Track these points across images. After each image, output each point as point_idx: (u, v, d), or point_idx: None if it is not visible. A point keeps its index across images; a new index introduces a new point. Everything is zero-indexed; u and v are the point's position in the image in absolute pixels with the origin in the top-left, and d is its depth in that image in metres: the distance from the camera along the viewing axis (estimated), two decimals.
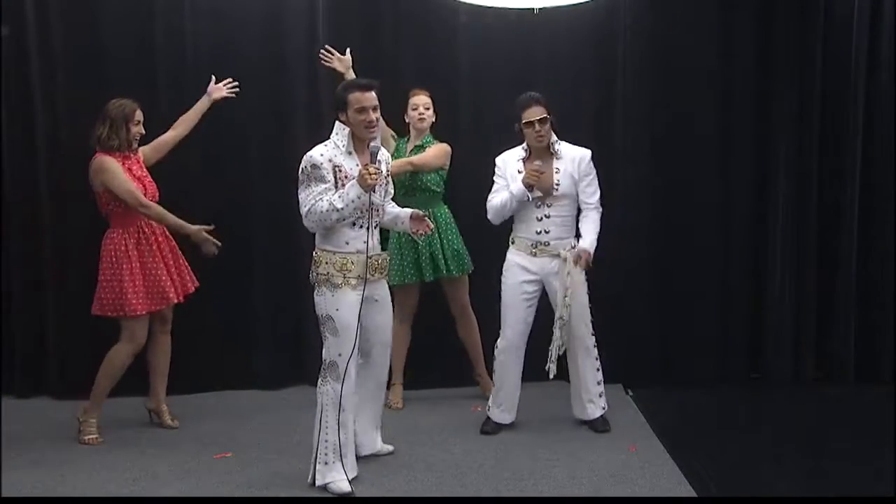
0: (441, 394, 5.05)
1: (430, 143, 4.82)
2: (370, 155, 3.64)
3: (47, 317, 5.07)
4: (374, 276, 3.74)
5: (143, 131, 4.38)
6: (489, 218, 4.38)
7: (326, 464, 3.68)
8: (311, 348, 4.67)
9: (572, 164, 4.28)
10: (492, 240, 4.99)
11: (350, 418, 3.76)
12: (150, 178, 4.42)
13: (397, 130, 4.85)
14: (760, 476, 3.85)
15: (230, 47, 5.01)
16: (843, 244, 5.22)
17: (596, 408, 4.43)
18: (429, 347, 5.10)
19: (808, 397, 5.03)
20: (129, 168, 4.32)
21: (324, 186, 3.61)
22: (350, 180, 3.62)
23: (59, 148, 4.96)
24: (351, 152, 3.70)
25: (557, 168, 4.28)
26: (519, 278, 4.33)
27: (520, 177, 4.23)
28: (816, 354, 5.31)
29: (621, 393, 5.03)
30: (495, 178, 4.37)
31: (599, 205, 4.35)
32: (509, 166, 4.33)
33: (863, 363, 5.26)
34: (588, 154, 4.33)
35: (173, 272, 4.43)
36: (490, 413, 4.45)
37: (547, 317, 4.39)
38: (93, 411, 4.36)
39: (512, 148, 4.39)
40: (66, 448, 4.27)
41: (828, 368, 5.30)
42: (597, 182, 4.35)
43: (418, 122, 4.79)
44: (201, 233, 4.33)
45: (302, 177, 3.65)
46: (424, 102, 4.78)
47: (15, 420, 4.62)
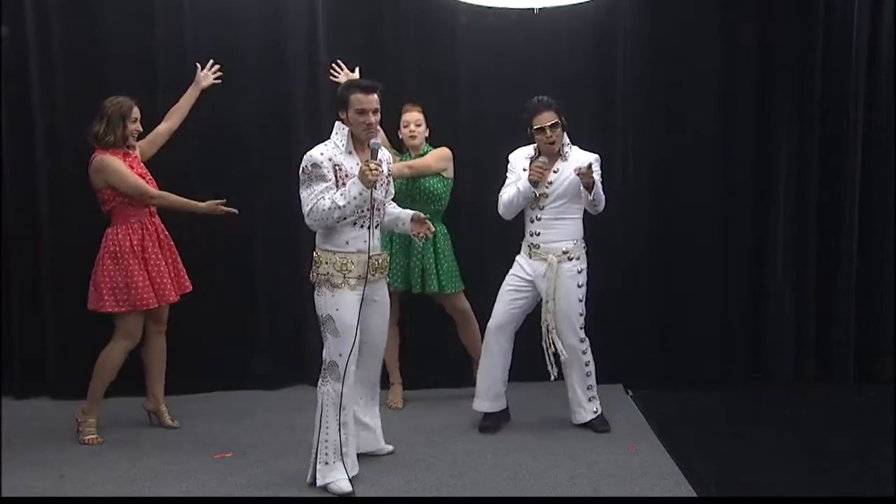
0: (441, 394, 5.05)
1: (427, 152, 4.78)
2: (371, 152, 3.64)
3: (47, 317, 5.07)
4: (374, 275, 3.74)
5: (141, 129, 4.37)
6: (500, 213, 4.38)
7: (327, 464, 3.68)
8: (311, 348, 4.66)
9: (573, 165, 4.21)
10: (490, 241, 5.02)
11: (351, 418, 3.76)
12: (150, 175, 4.41)
13: (397, 148, 4.83)
14: (760, 476, 3.85)
15: (230, 47, 4.99)
16: (843, 244, 5.22)
17: (586, 413, 4.43)
18: (429, 347, 5.10)
19: (808, 397, 5.02)
20: (129, 165, 4.32)
21: (325, 185, 3.61)
22: (350, 179, 3.62)
23: (58, 148, 4.95)
24: (351, 152, 3.70)
25: (557, 169, 4.27)
26: (512, 272, 4.40)
27: (526, 174, 4.25)
28: (816, 354, 5.31)
29: (621, 393, 5.03)
30: (508, 174, 4.39)
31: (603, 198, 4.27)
32: (519, 163, 4.35)
33: (863, 363, 5.27)
34: (593, 157, 4.28)
35: (172, 271, 4.43)
36: (474, 404, 4.45)
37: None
38: (91, 411, 4.36)
39: (524, 145, 4.39)
40: (66, 448, 4.27)
41: (828, 368, 5.30)
42: (600, 182, 4.24)
43: (409, 140, 4.77)
44: (214, 205, 4.31)
45: (303, 176, 3.65)
46: (416, 119, 4.74)
47: (15, 420, 4.62)
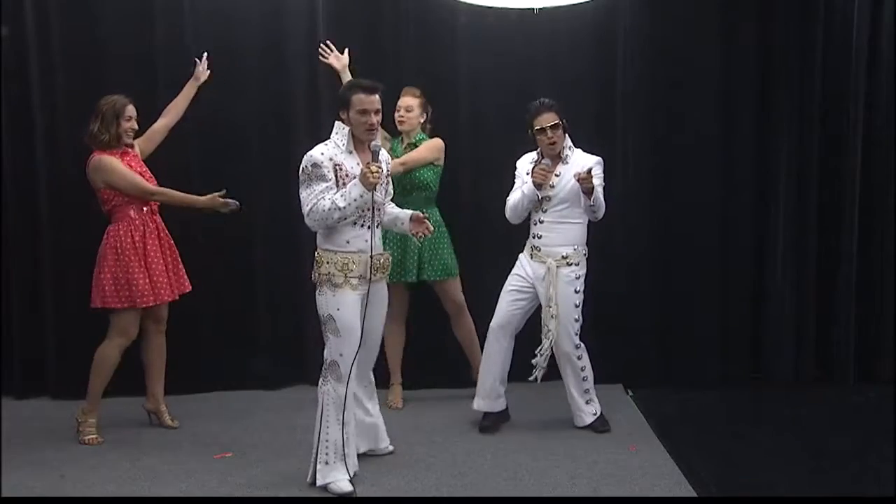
0: (441, 394, 5.05)
1: (422, 141, 4.79)
2: (372, 154, 3.64)
3: (47, 317, 5.06)
4: (375, 275, 3.74)
5: (136, 127, 4.35)
6: (507, 217, 4.39)
7: (327, 463, 3.68)
8: (312, 348, 4.66)
9: (575, 169, 4.19)
10: (490, 239, 5.02)
11: (351, 417, 3.76)
12: (150, 173, 4.41)
13: (391, 131, 4.84)
14: (760, 476, 3.85)
15: (230, 47, 4.99)
16: (843, 244, 5.22)
17: (585, 416, 4.43)
18: (428, 347, 5.09)
19: (808, 397, 5.02)
20: (128, 164, 4.32)
21: (325, 185, 3.61)
22: (350, 179, 3.62)
23: (58, 148, 4.95)
24: (351, 151, 3.70)
25: (559, 173, 4.27)
26: (515, 272, 4.41)
27: (527, 174, 4.26)
28: (816, 354, 5.31)
29: (621, 393, 5.03)
30: (515, 180, 4.40)
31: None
32: (524, 168, 4.36)
33: (863, 363, 5.27)
34: (595, 160, 4.28)
35: (171, 269, 4.43)
36: (474, 404, 4.46)
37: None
38: (91, 411, 4.36)
39: (526, 148, 4.41)
40: (66, 448, 4.26)
41: (828, 368, 5.30)
42: (602, 185, 4.23)
43: (398, 125, 4.78)
44: (215, 199, 4.30)
45: (303, 176, 3.65)
46: (406, 105, 4.74)
47: (15, 420, 4.62)
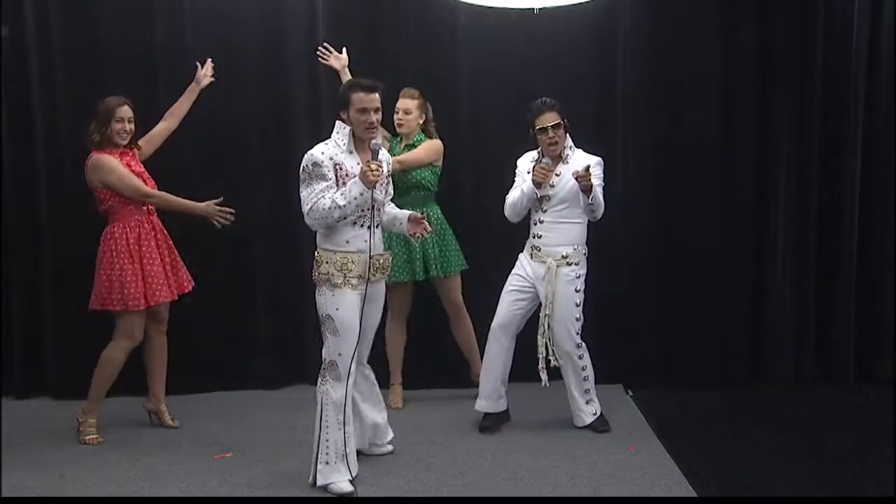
0: (441, 394, 5.05)
1: (420, 142, 4.79)
2: (371, 153, 3.64)
3: (47, 317, 5.07)
4: (375, 275, 3.74)
5: (131, 128, 4.32)
6: (506, 215, 4.39)
7: (328, 464, 3.67)
8: (311, 348, 4.66)
9: (576, 168, 4.17)
10: (491, 239, 5.01)
11: (351, 417, 3.76)
12: (148, 175, 4.41)
13: (390, 130, 4.84)
14: (760, 476, 3.85)
15: (230, 47, 4.99)
16: (843, 244, 5.22)
17: (585, 416, 4.43)
18: (428, 347, 5.09)
19: (808, 397, 5.02)
20: (127, 164, 4.32)
21: (325, 184, 3.61)
22: (351, 178, 3.62)
23: (58, 148, 4.95)
24: (352, 151, 3.70)
25: (559, 172, 4.27)
26: (515, 272, 4.41)
27: (528, 174, 4.27)
28: (816, 354, 5.31)
29: (621, 393, 5.03)
30: (515, 178, 4.41)
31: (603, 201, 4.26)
32: (525, 167, 4.37)
33: (863, 363, 5.27)
34: (595, 160, 4.27)
35: (169, 270, 4.42)
36: (476, 404, 4.46)
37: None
38: (92, 411, 4.36)
39: (527, 148, 4.42)
40: (66, 448, 4.26)
41: (828, 368, 5.30)
42: (601, 185, 4.23)
43: (397, 127, 4.78)
44: (211, 206, 4.30)
45: (303, 175, 3.65)
46: (405, 107, 4.73)
47: (15, 420, 4.62)
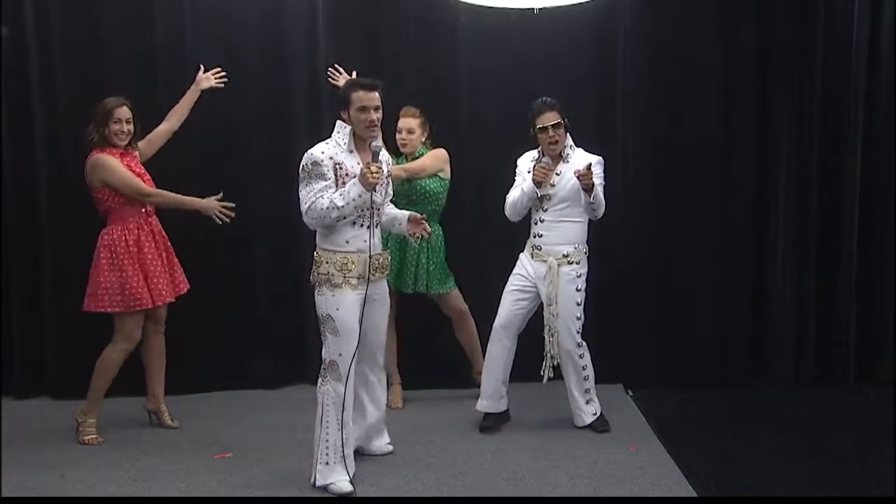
0: (441, 394, 5.05)
1: (423, 154, 4.76)
2: (372, 154, 3.64)
3: (47, 317, 5.07)
4: (374, 275, 3.74)
5: (129, 129, 4.31)
6: (506, 214, 4.38)
7: (328, 464, 3.68)
8: (311, 348, 4.66)
9: (576, 168, 4.17)
10: (491, 240, 5.01)
11: (350, 418, 3.76)
12: (148, 176, 4.40)
13: (390, 149, 4.78)
14: (760, 476, 3.85)
15: (230, 47, 5.00)
16: (843, 244, 5.22)
17: (585, 416, 4.44)
18: (429, 348, 5.09)
19: (808, 397, 5.02)
20: (127, 165, 4.32)
21: (324, 184, 3.61)
22: (350, 178, 3.62)
23: (58, 148, 4.95)
24: (352, 150, 3.70)
25: (560, 171, 4.28)
26: (516, 272, 4.41)
27: (528, 173, 4.27)
28: (816, 354, 5.31)
29: (621, 393, 5.03)
30: (515, 178, 4.41)
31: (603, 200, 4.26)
32: (525, 166, 4.37)
33: (863, 363, 5.27)
34: (596, 159, 4.27)
35: (167, 273, 4.42)
36: (477, 405, 4.46)
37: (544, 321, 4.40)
38: (91, 412, 4.36)
39: (527, 147, 4.42)
40: (66, 448, 4.26)
41: (828, 368, 5.30)
42: (602, 185, 4.24)
43: (401, 147, 4.74)
44: (212, 201, 4.30)
45: (303, 174, 3.65)
46: (408, 127, 4.69)
47: (15, 420, 4.62)
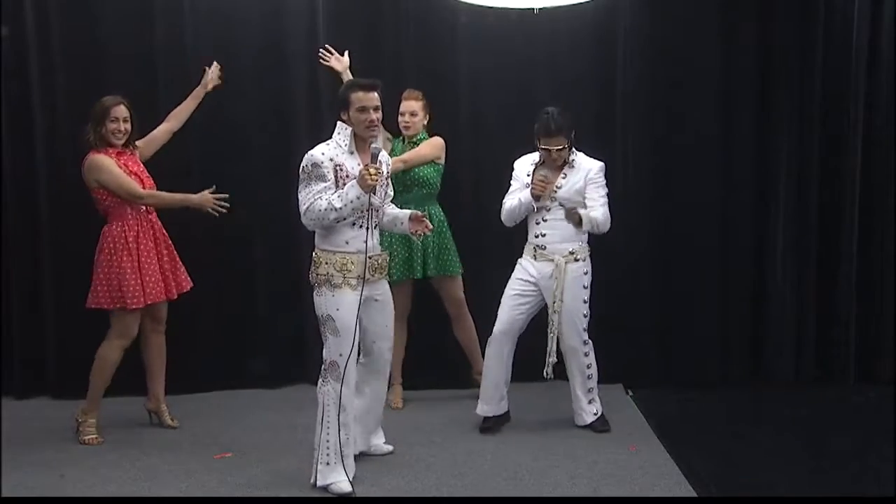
0: (441, 394, 5.05)
1: (422, 140, 4.78)
2: (371, 156, 3.64)
3: (47, 317, 5.07)
4: (373, 275, 3.74)
5: (126, 127, 4.31)
6: (502, 220, 4.39)
7: (328, 464, 3.68)
8: (311, 348, 4.66)
9: (580, 173, 4.27)
10: (490, 240, 5.01)
11: (351, 418, 3.76)
12: (147, 174, 4.40)
13: (392, 131, 4.84)
14: (760, 476, 3.85)
15: (230, 47, 5.00)
16: (843, 244, 5.22)
17: (587, 415, 4.43)
18: (428, 348, 5.09)
19: (808, 397, 5.02)
20: (125, 164, 4.31)
21: (323, 185, 3.61)
22: (351, 180, 3.62)
23: (58, 148, 4.95)
24: (353, 152, 3.70)
25: (565, 174, 4.29)
26: (516, 276, 4.38)
27: (527, 186, 4.25)
28: (816, 354, 5.30)
29: (621, 393, 5.03)
30: (512, 182, 4.41)
31: (607, 211, 4.28)
32: (523, 171, 4.36)
33: (863, 363, 5.26)
34: (598, 165, 4.30)
35: (168, 269, 4.42)
36: (478, 408, 4.44)
37: (544, 319, 4.39)
38: (91, 411, 4.36)
39: (517, 139, 4.41)
40: (66, 448, 4.26)
41: (828, 368, 5.30)
42: (604, 192, 4.28)
43: (404, 130, 4.78)
44: (206, 196, 4.29)
45: (302, 175, 3.65)
46: (411, 109, 4.73)
47: (15, 420, 4.62)
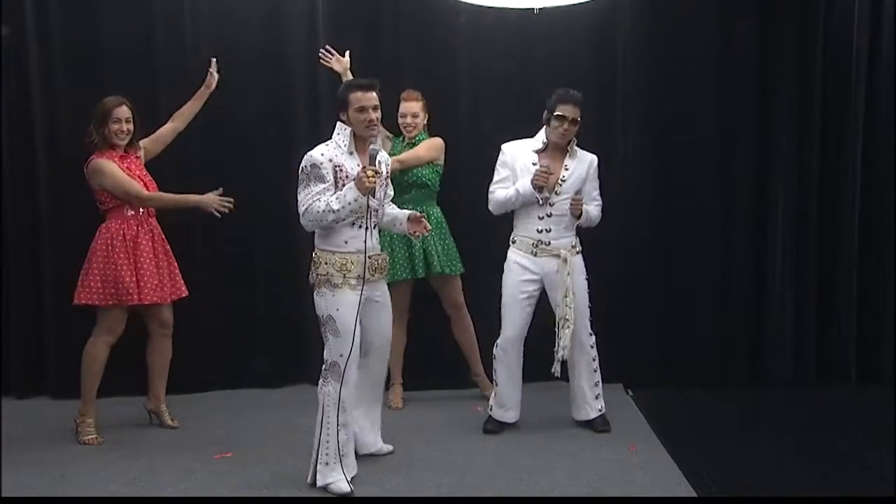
0: (441, 394, 5.05)
1: (421, 140, 4.79)
2: (369, 157, 3.64)
3: (47, 317, 5.07)
4: (373, 276, 3.74)
5: (129, 128, 4.31)
6: (490, 209, 4.34)
7: (327, 464, 3.67)
8: (311, 348, 4.67)
9: (583, 165, 4.32)
10: (489, 239, 4.99)
11: (350, 418, 3.76)
12: (150, 177, 4.40)
13: (392, 131, 4.84)
14: (760, 476, 3.85)
15: (230, 47, 4.99)
16: (843, 244, 5.22)
17: (592, 410, 4.43)
18: (428, 348, 5.09)
19: (809, 398, 5.02)
20: (127, 167, 4.31)
21: (322, 186, 3.61)
22: (351, 181, 3.62)
23: (58, 148, 4.95)
24: (352, 152, 3.70)
25: (567, 166, 4.28)
26: (519, 277, 4.31)
27: (529, 173, 4.20)
28: (817, 354, 5.30)
29: (621, 393, 5.03)
30: (499, 167, 4.32)
31: (601, 205, 4.43)
32: (519, 159, 4.28)
33: (863, 364, 5.27)
34: (595, 157, 4.38)
35: (165, 273, 4.41)
36: (493, 413, 4.43)
37: (546, 317, 4.39)
38: (87, 411, 4.35)
39: (517, 139, 4.37)
40: (66, 448, 4.26)
41: (828, 369, 5.30)
42: (598, 185, 4.42)
43: (405, 131, 4.78)
44: (211, 196, 4.29)
45: (302, 176, 3.65)
46: (413, 111, 4.73)
47: (15, 420, 4.62)
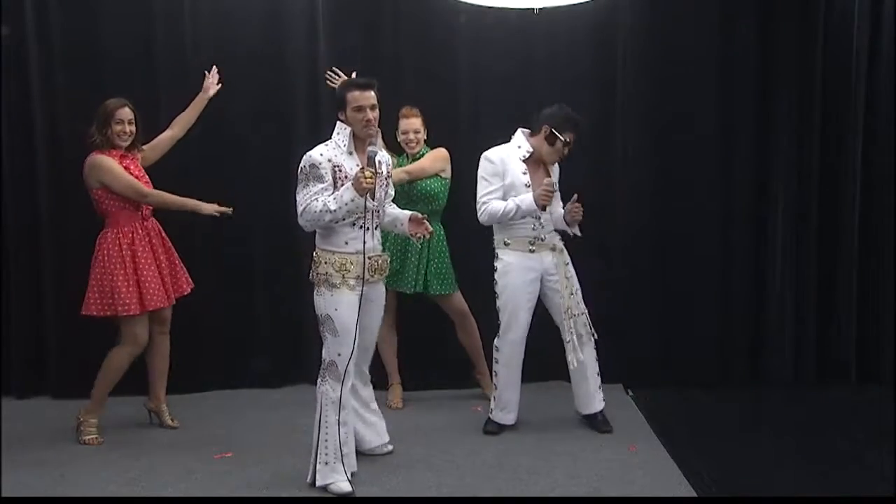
0: (441, 394, 5.05)
1: (424, 154, 4.78)
2: (367, 158, 3.64)
3: (47, 317, 5.07)
4: (373, 276, 3.74)
5: (131, 130, 4.32)
6: (481, 220, 4.28)
7: (327, 464, 3.68)
8: (311, 348, 4.66)
9: (556, 166, 4.48)
10: (489, 241, 4.99)
11: (350, 417, 3.76)
12: (148, 179, 4.40)
13: (392, 148, 4.78)
14: (760, 476, 3.86)
15: (230, 47, 5.00)
16: (843, 244, 5.22)
17: (597, 401, 4.44)
18: (429, 348, 5.10)
19: (809, 398, 5.02)
20: (126, 167, 4.32)
21: (321, 186, 3.61)
22: (349, 181, 3.62)
23: (58, 148, 4.95)
24: (352, 152, 3.70)
25: (550, 172, 4.40)
26: (523, 278, 4.30)
27: (522, 185, 4.23)
28: (817, 355, 5.30)
29: (621, 393, 5.03)
30: (488, 177, 4.26)
31: None
32: (510, 169, 4.26)
33: (863, 364, 5.27)
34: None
35: (166, 273, 4.42)
36: (493, 415, 4.43)
37: (545, 317, 4.40)
38: (94, 412, 4.36)
39: (502, 144, 4.37)
40: (66, 448, 4.27)
41: (828, 368, 5.30)
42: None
43: (408, 148, 4.77)
44: (211, 205, 4.31)
45: (301, 176, 3.65)
46: (414, 127, 4.72)
47: (15, 420, 4.62)
